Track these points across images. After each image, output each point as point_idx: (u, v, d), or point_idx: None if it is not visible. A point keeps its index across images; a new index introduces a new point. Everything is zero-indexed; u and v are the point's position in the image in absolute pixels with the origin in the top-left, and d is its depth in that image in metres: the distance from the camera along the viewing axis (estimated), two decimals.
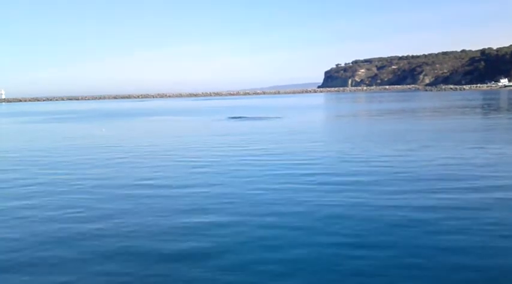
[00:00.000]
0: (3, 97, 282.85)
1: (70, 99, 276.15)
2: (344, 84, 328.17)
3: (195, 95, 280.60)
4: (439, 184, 15.76)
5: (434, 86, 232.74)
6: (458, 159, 21.02)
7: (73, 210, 13.90)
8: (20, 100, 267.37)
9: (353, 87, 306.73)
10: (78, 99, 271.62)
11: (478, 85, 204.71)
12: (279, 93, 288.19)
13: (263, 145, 28.71)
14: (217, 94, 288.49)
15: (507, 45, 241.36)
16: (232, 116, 61.69)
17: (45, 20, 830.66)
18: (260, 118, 56.19)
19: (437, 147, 24.82)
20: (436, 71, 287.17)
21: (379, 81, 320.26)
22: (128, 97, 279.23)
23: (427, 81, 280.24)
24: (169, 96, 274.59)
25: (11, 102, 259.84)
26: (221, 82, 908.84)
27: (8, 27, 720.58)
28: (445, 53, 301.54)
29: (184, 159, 24.03)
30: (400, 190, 15.11)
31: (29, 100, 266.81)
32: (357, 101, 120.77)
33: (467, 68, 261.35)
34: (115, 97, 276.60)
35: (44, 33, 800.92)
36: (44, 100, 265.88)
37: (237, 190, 16.03)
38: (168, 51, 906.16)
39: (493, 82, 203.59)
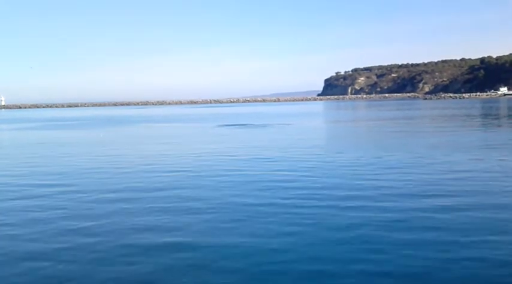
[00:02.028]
0: (3, 103, 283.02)
1: (70, 106, 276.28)
2: (344, 92, 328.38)
3: (195, 102, 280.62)
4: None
5: (433, 94, 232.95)
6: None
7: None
8: (20, 107, 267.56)
9: (353, 95, 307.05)
10: (77, 106, 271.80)
11: (478, 93, 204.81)
12: (279, 100, 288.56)
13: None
14: (217, 101, 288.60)
15: (507, 53, 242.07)
16: (237, 123, 62.05)
17: (42, 26, 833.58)
18: (266, 126, 56.17)
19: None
20: (435, 79, 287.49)
21: (378, 89, 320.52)
22: (128, 104, 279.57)
23: (426, 89, 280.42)
24: (169, 104, 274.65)
25: (10, 108, 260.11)
26: (221, 89, 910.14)
27: (8, 33, 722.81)
28: (444, 61, 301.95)
29: (186, 168, 23.78)
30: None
31: (29, 107, 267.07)
32: (357, 109, 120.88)
33: (466, 76, 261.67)
34: (115, 104, 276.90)
35: (42, 40, 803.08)
36: (43, 107, 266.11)
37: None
38: (167, 59, 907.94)
39: (492, 90, 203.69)
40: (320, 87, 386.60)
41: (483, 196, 14.99)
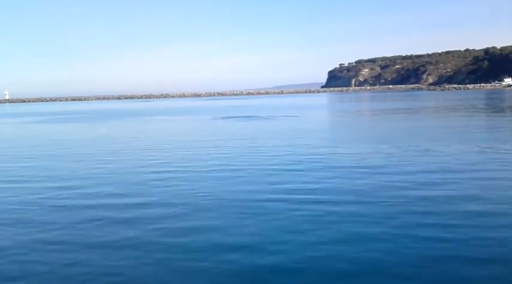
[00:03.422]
0: (7, 97, 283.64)
1: (74, 99, 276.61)
2: (347, 83, 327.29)
3: (198, 95, 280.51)
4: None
5: (438, 86, 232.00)
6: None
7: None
8: (24, 101, 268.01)
9: (356, 87, 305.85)
10: (81, 100, 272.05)
11: (482, 84, 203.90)
12: (282, 92, 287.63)
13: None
14: (220, 94, 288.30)
15: (511, 44, 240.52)
16: (244, 115, 62.65)
17: (45, 20, 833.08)
18: (275, 118, 56.37)
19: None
20: (439, 71, 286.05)
21: (382, 80, 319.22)
22: (131, 97, 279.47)
23: (430, 80, 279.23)
24: (173, 96, 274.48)
25: (14, 102, 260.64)
26: (224, 82, 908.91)
27: (11, 29, 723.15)
28: (448, 52, 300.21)
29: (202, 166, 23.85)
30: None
31: (33, 101, 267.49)
32: (362, 101, 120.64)
33: (471, 67, 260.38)
34: (118, 98, 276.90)
35: (45, 34, 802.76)
36: (47, 101, 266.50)
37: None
38: (170, 52, 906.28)
39: (496, 81, 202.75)
40: (323, 79, 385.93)
41: None
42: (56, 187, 17.36)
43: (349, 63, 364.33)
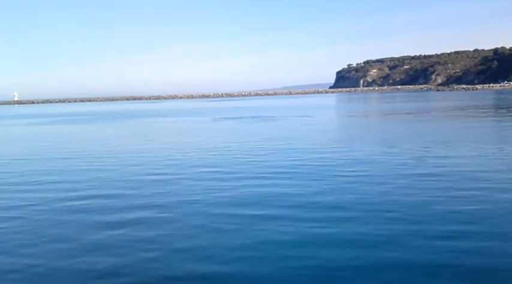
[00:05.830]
0: (16, 99, 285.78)
1: (82, 100, 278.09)
2: (356, 84, 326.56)
3: (207, 96, 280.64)
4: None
5: (446, 86, 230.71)
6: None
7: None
8: (33, 102, 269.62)
9: (365, 88, 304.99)
10: (90, 101, 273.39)
11: (491, 85, 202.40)
12: (290, 93, 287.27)
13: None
14: (228, 95, 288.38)
15: None
16: (257, 116, 63.11)
17: (53, 21, 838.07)
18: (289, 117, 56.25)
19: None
20: (448, 71, 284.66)
21: (391, 81, 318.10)
22: (140, 98, 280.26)
23: (439, 81, 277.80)
24: (181, 97, 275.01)
25: (23, 103, 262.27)
26: (232, 83, 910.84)
27: (18, 30, 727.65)
28: (457, 53, 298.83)
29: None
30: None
31: (41, 102, 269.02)
32: (371, 102, 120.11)
33: (480, 68, 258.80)
34: (127, 99, 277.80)
35: (54, 36, 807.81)
36: (56, 102, 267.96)
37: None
38: (178, 52, 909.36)
39: (505, 81, 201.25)
40: (332, 79, 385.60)
41: None
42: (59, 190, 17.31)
43: (357, 64, 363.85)
